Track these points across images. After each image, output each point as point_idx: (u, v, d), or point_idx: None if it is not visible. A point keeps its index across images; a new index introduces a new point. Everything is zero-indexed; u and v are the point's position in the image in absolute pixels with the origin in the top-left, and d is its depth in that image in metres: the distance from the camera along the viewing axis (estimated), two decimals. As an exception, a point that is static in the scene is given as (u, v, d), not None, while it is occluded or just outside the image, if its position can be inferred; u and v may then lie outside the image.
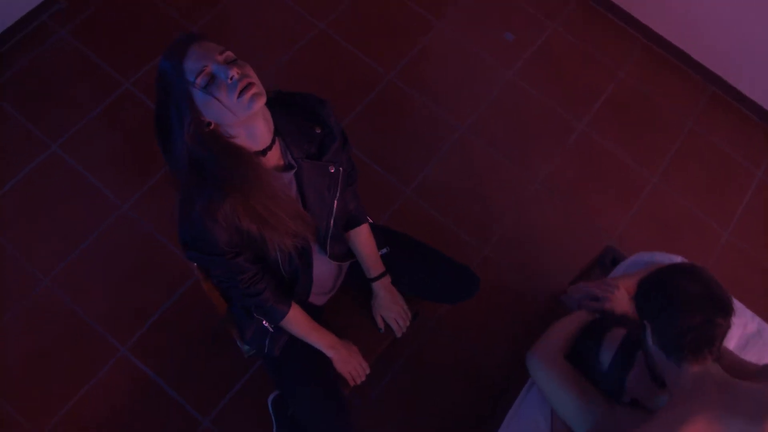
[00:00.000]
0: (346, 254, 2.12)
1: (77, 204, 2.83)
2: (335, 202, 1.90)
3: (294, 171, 1.78)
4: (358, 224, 2.10)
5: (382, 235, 2.22)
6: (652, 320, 1.65)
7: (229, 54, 1.56)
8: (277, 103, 1.75)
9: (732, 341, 2.27)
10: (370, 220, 2.18)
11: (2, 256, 2.72)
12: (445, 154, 3.10)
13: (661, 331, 1.62)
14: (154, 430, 2.53)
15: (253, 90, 1.52)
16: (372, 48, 3.28)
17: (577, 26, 3.49)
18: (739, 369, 1.79)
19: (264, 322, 2.00)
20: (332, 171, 1.85)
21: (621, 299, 2.06)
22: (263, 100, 1.55)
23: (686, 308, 1.57)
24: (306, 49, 3.24)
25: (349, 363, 2.11)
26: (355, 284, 2.23)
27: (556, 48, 3.42)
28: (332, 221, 1.93)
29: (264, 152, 1.68)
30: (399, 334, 2.23)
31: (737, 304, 2.37)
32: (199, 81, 1.52)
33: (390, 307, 2.21)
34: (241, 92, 1.51)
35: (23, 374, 2.56)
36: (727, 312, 1.58)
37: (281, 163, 1.77)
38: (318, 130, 1.81)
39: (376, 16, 3.37)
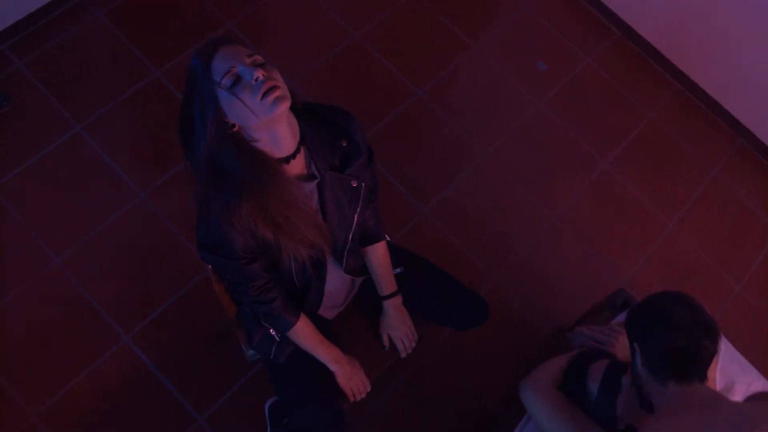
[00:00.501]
0: (361, 269, 2.11)
1: (95, 187, 2.83)
2: (355, 216, 1.89)
3: (316, 182, 1.77)
4: (376, 241, 2.09)
5: (397, 254, 2.21)
6: (642, 342, 1.68)
7: (258, 58, 1.56)
8: (305, 113, 1.75)
9: (736, 398, 2.26)
10: (388, 238, 2.17)
11: (16, 232, 2.72)
12: (467, 176, 3.09)
13: (649, 352, 1.64)
14: (149, 421, 2.52)
15: (277, 93, 1.52)
16: (405, 63, 3.28)
17: (612, 63, 3.49)
18: None
19: (271, 330, 2.00)
20: (354, 185, 1.84)
21: (624, 344, 2.07)
22: (287, 104, 1.54)
23: (673, 329, 1.61)
24: (339, 57, 3.24)
25: (351, 379, 2.10)
26: (366, 300, 2.23)
27: (588, 82, 3.41)
28: (350, 236, 1.92)
29: (287, 160, 1.68)
30: (404, 355, 2.23)
31: (743, 361, 2.37)
32: (225, 81, 1.52)
33: (398, 327, 2.20)
34: (265, 94, 1.50)
35: (25, 351, 2.56)
36: (714, 335, 1.61)
37: (304, 172, 1.76)
38: (344, 143, 1.80)
39: (412, 31, 3.37)
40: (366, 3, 3.39)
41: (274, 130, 1.60)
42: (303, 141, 1.71)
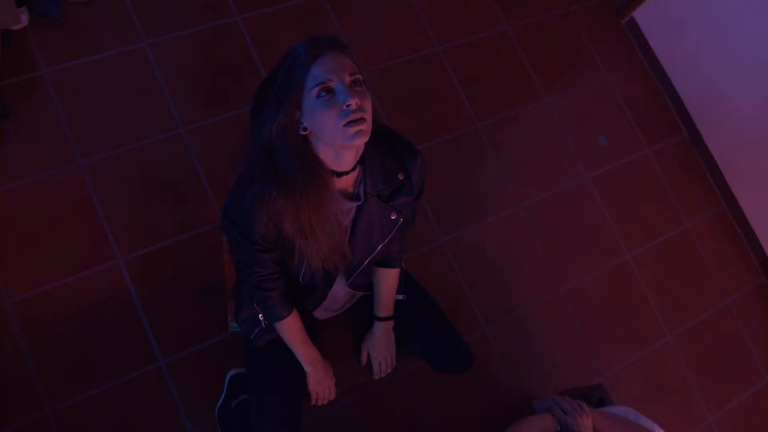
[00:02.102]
0: (365, 286, 2.10)
1: (141, 106, 2.82)
2: (380, 246, 1.88)
3: (358, 204, 1.76)
4: (391, 266, 2.08)
5: (404, 281, 2.21)
6: None
7: (359, 77, 1.54)
8: (375, 135, 1.73)
9: None
10: (403, 266, 2.16)
11: (52, 121, 2.71)
12: (493, 222, 3.08)
13: None
14: (114, 347, 2.52)
15: (362, 126, 1.50)
16: (474, 91, 3.25)
17: (669, 161, 3.46)
18: None
19: (260, 315, 1.99)
20: (393, 218, 1.83)
21: (586, 426, 2.12)
22: (366, 138, 1.53)
23: None
24: (413, 62, 3.22)
25: (320, 383, 2.11)
26: (360, 313, 2.22)
27: (641, 172, 3.39)
28: (369, 259, 1.91)
29: (340, 174, 1.67)
30: (377, 377, 2.23)
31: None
32: (317, 90, 1.51)
33: (380, 349, 2.20)
34: (350, 123, 1.49)
35: (19, 238, 2.56)
36: None
37: (351, 190, 1.75)
38: (400, 177, 1.79)
39: (492, 63, 3.35)
40: (458, 20, 3.36)
41: (342, 153, 1.60)
42: (362, 161, 1.70)
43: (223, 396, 2.48)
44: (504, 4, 3.46)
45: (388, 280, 2.09)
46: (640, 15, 3.56)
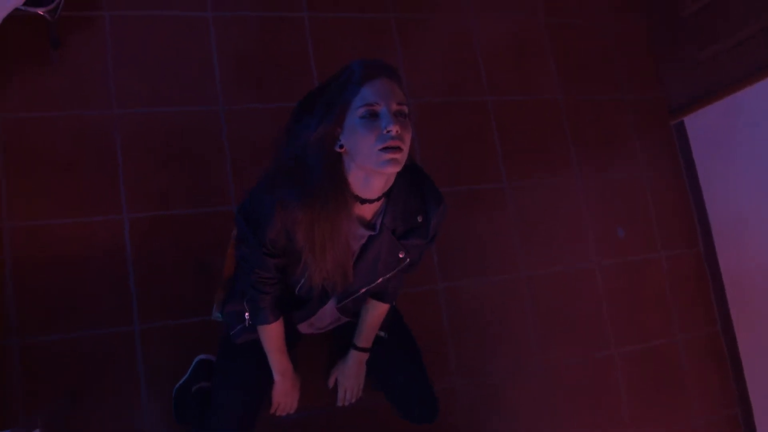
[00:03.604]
0: (353, 314, 2.11)
1: (189, 73, 2.82)
2: (381, 278, 1.89)
3: (372, 234, 1.77)
4: (383, 301, 2.08)
5: (390, 319, 2.21)
6: None
7: (405, 109, 1.57)
8: (408, 173, 1.74)
9: None
10: (394, 304, 2.17)
11: (99, 64, 2.71)
12: (494, 282, 3.07)
13: None
14: (93, 299, 2.51)
15: (396, 155, 1.52)
16: (511, 149, 3.24)
17: (679, 270, 3.45)
18: None
19: (247, 314, 1.99)
20: (401, 256, 1.84)
21: None
22: (397, 168, 1.55)
23: None
24: (459, 104, 3.22)
25: (285, 395, 2.12)
26: (340, 338, 2.23)
27: (649, 274, 3.38)
28: (366, 289, 1.92)
29: (363, 201, 1.68)
30: (340, 404, 2.24)
31: None
32: (362, 110, 1.53)
33: (349, 378, 2.21)
34: (386, 149, 1.51)
35: (34, 169, 2.56)
36: None
37: (368, 219, 1.76)
38: (419, 219, 1.80)
39: (535, 126, 3.34)
40: (516, 76, 3.36)
41: (372, 177, 1.61)
42: (387, 194, 1.71)
43: (185, 377, 2.46)
44: (565, 74, 3.45)
45: (375, 312, 2.10)
46: (690, 121, 3.56)
